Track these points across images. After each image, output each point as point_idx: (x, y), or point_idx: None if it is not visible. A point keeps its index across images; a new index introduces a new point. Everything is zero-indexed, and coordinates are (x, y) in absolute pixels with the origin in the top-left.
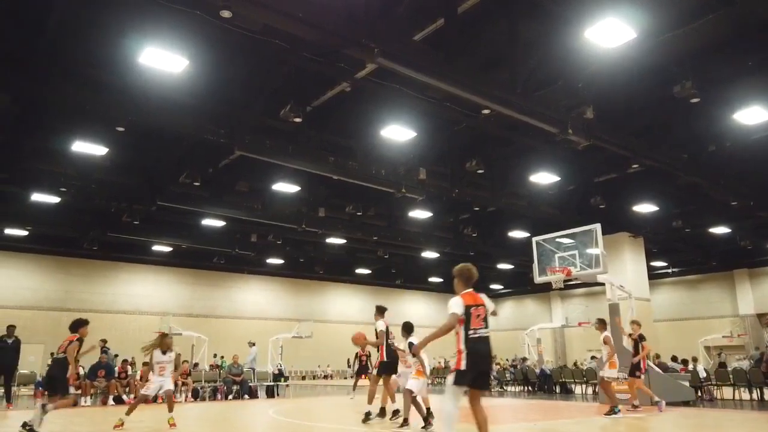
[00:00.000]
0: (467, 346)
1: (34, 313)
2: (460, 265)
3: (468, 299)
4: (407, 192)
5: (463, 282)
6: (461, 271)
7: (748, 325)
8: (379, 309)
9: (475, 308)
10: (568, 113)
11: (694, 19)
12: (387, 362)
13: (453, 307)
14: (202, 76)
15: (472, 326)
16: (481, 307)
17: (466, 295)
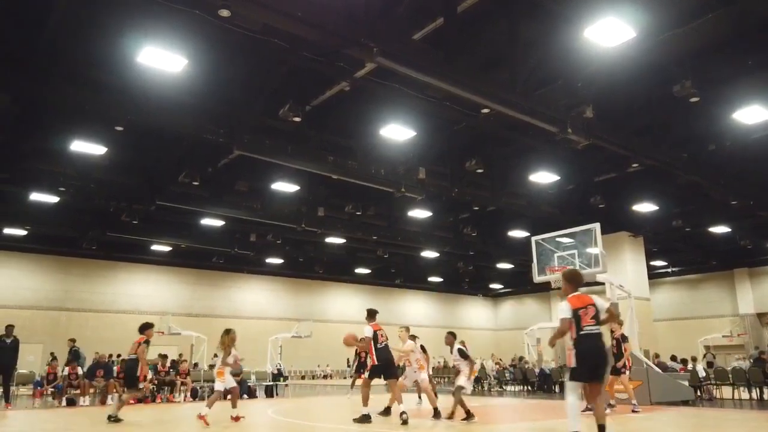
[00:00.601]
0: (576, 345)
1: (33, 312)
2: (569, 269)
3: (575, 302)
4: (407, 191)
5: (572, 286)
6: (571, 276)
7: (748, 325)
8: (369, 312)
9: (584, 309)
10: (568, 112)
11: (693, 18)
12: (378, 365)
13: (562, 312)
14: (202, 76)
15: (583, 324)
16: (590, 307)
17: (572, 298)
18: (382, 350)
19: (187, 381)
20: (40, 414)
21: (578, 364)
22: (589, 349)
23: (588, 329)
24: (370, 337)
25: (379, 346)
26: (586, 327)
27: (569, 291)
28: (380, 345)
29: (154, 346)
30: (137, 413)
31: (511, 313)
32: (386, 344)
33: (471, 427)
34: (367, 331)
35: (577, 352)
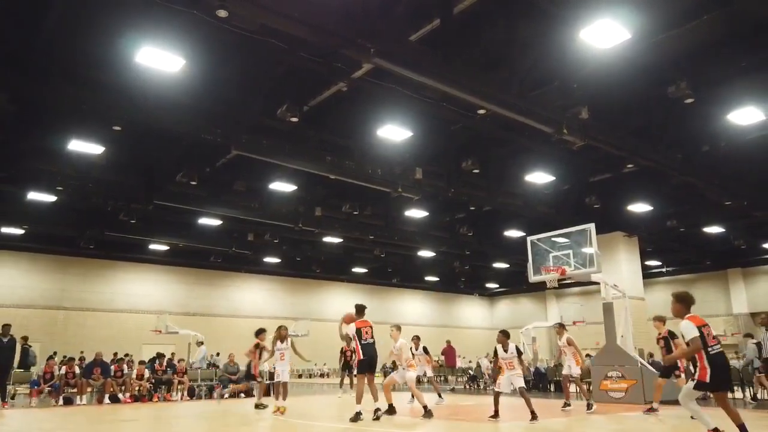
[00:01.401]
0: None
1: (30, 311)
2: (681, 292)
3: (698, 321)
4: (404, 191)
5: (686, 307)
6: (686, 298)
7: (742, 324)
8: (357, 308)
9: (705, 327)
10: (564, 113)
11: (688, 20)
12: (364, 360)
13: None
14: (199, 76)
15: (709, 344)
16: (707, 326)
17: (694, 318)
18: (367, 346)
19: (185, 380)
20: (36, 413)
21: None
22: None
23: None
24: (352, 335)
25: (364, 342)
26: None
27: (685, 312)
28: (364, 341)
29: (151, 344)
30: (134, 412)
31: (507, 312)
32: (371, 341)
33: (463, 426)
34: (350, 329)
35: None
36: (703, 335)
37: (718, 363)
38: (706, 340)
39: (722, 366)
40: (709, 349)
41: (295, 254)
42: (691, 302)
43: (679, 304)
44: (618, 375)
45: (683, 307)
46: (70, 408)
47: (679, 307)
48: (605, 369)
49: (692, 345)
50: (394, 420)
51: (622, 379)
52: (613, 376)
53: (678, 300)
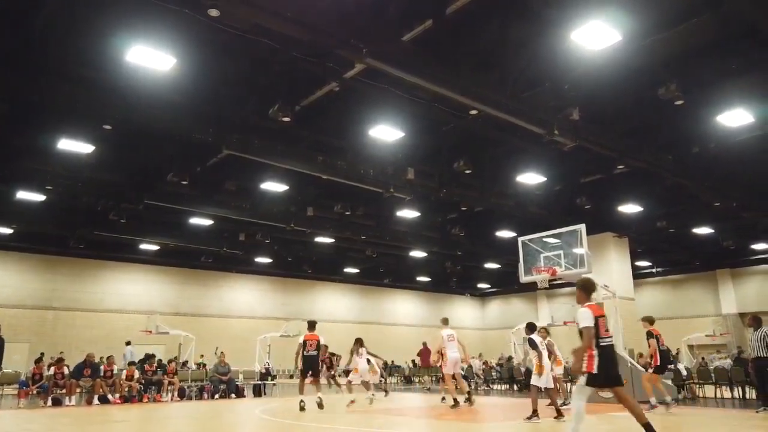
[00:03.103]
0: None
1: (19, 311)
2: (584, 279)
3: (596, 311)
4: (395, 192)
5: (587, 295)
6: (587, 285)
7: (731, 324)
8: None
9: (601, 318)
10: (555, 114)
11: (678, 22)
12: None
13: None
14: (191, 75)
15: (602, 335)
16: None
17: (592, 306)
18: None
19: (175, 380)
20: (24, 414)
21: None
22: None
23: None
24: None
25: (305, 354)
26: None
27: (585, 300)
28: (306, 353)
29: (143, 344)
30: (124, 413)
31: (498, 312)
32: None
33: (455, 426)
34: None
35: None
36: (597, 325)
37: (607, 356)
38: (599, 330)
39: (610, 359)
40: (600, 341)
41: (286, 254)
42: (592, 290)
43: (581, 291)
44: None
45: (584, 294)
46: (58, 409)
47: (581, 295)
48: None
49: (585, 333)
50: (393, 419)
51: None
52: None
53: (580, 287)
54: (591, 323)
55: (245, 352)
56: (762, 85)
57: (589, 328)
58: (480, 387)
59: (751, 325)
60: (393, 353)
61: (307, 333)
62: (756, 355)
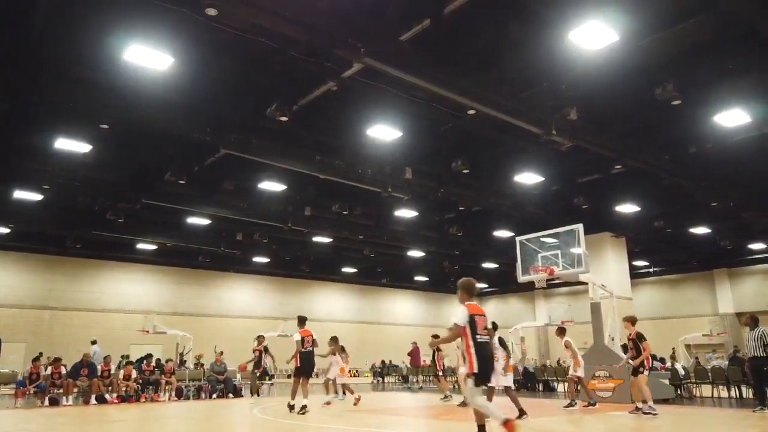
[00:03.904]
0: (475, 351)
1: (16, 311)
2: (465, 279)
3: (473, 309)
4: (393, 191)
5: (468, 295)
6: (467, 286)
7: (728, 324)
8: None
9: (479, 317)
10: (553, 114)
11: (676, 22)
12: (300, 367)
13: (460, 317)
14: (188, 74)
15: (478, 332)
16: (482, 317)
17: (470, 305)
18: (306, 354)
19: (172, 380)
20: (21, 414)
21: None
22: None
23: (484, 338)
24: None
25: (303, 350)
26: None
27: (465, 299)
28: (304, 349)
29: (138, 344)
30: (121, 412)
31: (496, 312)
32: (312, 349)
33: (454, 426)
34: (296, 337)
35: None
36: (474, 324)
37: (481, 354)
38: (477, 328)
39: (484, 357)
40: (477, 337)
41: (284, 254)
42: (472, 290)
43: (462, 291)
44: (605, 375)
45: (465, 294)
46: (56, 409)
47: (462, 295)
48: (593, 369)
49: (453, 330)
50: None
51: (609, 378)
52: (601, 375)
53: (461, 288)
54: (464, 322)
55: (243, 352)
56: (759, 86)
57: (459, 326)
58: None
59: (748, 325)
60: (392, 353)
61: (301, 329)
62: (752, 354)
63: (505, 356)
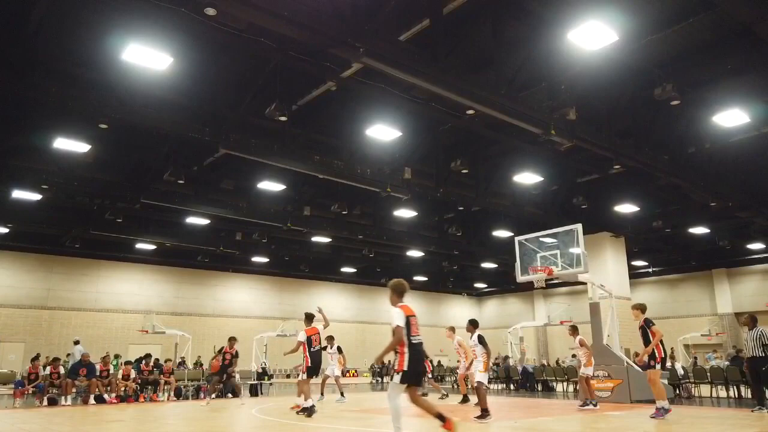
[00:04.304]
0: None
1: (14, 311)
2: (396, 281)
3: (408, 311)
4: (392, 191)
5: (399, 296)
6: (399, 287)
7: (727, 324)
8: (307, 316)
9: (413, 318)
10: (552, 114)
11: (674, 23)
12: (311, 367)
13: (398, 319)
14: (187, 74)
15: (412, 333)
16: (415, 317)
17: (404, 307)
18: (315, 353)
19: (171, 380)
20: (20, 414)
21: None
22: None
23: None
24: (303, 341)
25: (313, 350)
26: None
27: (397, 300)
28: (314, 348)
29: (137, 344)
30: (120, 412)
31: (495, 312)
32: (319, 348)
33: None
34: (300, 336)
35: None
36: (409, 324)
37: (416, 354)
38: (411, 329)
39: (419, 358)
40: (411, 338)
41: (283, 254)
42: (404, 291)
43: (393, 293)
44: (604, 374)
45: (397, 296)
46: (54, 409)
47: (393, 297)
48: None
49: (396, 332)
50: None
51: (608, 378)
52: (600, 375)
53: (393, 289)
54: (403, 322)
55: (242, 352)
56: (757, 86)
57: (401, 327)
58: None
59: (747, 325)
60: (390, 353)
61: (308, 327)
62: (751, 354)
63: (484, 353)
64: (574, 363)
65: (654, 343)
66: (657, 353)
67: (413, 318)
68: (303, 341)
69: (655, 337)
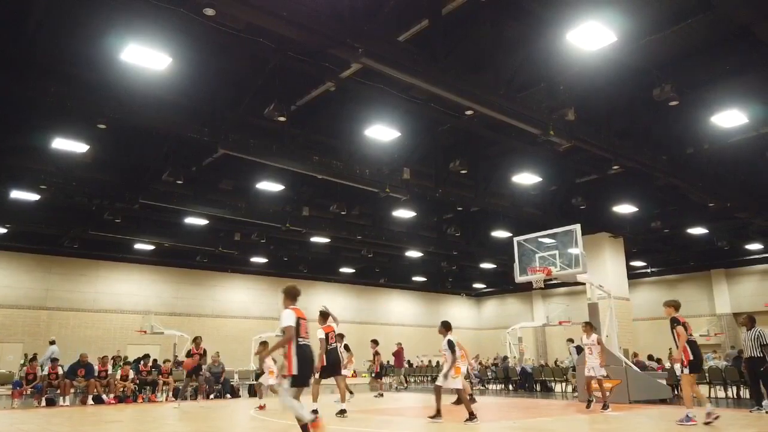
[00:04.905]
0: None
1: (13, 311)
2: (289, 285)
3: (298, 313)
4: (391, 191)
5: (292, 299)
6: (291, 291)
7: (725, 324)
8: (321, 314)
9: (303, 320)
10: (550, 115)
11: (673, 23)
12: (326, 366)
13: (288, 320)
14: (186, 74)
15: (301, 335)
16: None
17: (296, 309)
18: (331, 351)
19: (169, 381)
20: (18, 414)
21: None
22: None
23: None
24: (323, 339)
25: (330, 347)
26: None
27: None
28: (330, 346)
29: (136, 345)
30: (118, 413)
31: (494, 312)
32: (336, 346)
33: (452, 426)
34: (319, 334)
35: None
36: (299, 326)
37: (304, 356)
38: (300, 331)
39: (306, 360)
40: (299, 340)
41: (282, 254)
42: (297, 295)
43: (286, 297)
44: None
45: (289, 299)
46: (53, 409)
47: (286, 300)
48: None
49: (287, 332)
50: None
51: (607, 379)
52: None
53: (285, 293)
54: (293, 323)
55: (241, 353)
56: (756, 86)
57: (291, 327)
58: (475, 387)
59: (745, 325)
60: (389, 354)
61: (324, 326)
62: (749, 354)
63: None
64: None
65: (680, 346)
66: (684, 356)
67: (303, 321)
68: (323, 338)
69: (680, 338)
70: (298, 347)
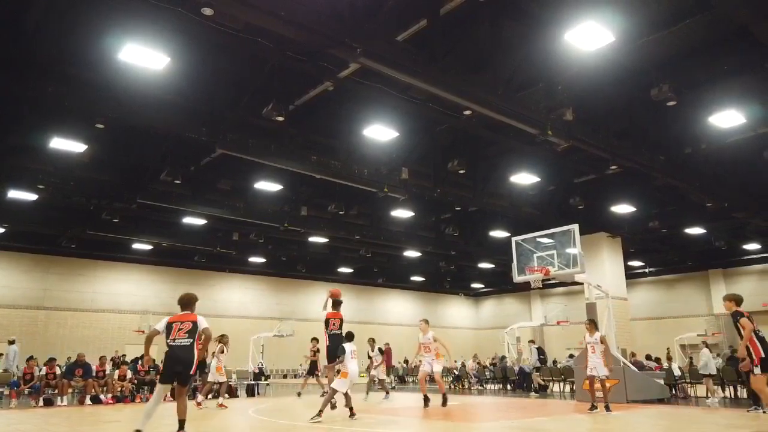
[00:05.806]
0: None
1: (10, 311)
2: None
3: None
4: (390, 191)
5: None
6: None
7: (722, 324)
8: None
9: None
10: (549, 115)
11: (671, 24)
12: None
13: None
14: (184, 74)
15: (171, 336)
16: (186, 323)
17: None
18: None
19: None
20: (15, 414)
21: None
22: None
23: (178, 341)
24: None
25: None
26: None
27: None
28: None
29: (134, 345)
30: (116, 413)
31: (492, 312)
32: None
33: (450, 426)
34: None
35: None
36: (170, 330)
37: (170, 356)
38: (169, 333)
39: (172, 360)
40: (168, 341)
41: (280, 254)
42: (194, 300)
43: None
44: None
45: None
46: (50, 409)
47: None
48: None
49: (151, 332)
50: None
51: (607, 379)
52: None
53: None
54: (162, 328)
55: (239, 353)
56: (754, 86)
57: (157, 330)
58: (473, 386)
59: None
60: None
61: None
62: None
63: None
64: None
65: (744, 340)
66: (754, 353)
67: (176, 324)
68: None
69: (745, 330)
70: (168, 347)
